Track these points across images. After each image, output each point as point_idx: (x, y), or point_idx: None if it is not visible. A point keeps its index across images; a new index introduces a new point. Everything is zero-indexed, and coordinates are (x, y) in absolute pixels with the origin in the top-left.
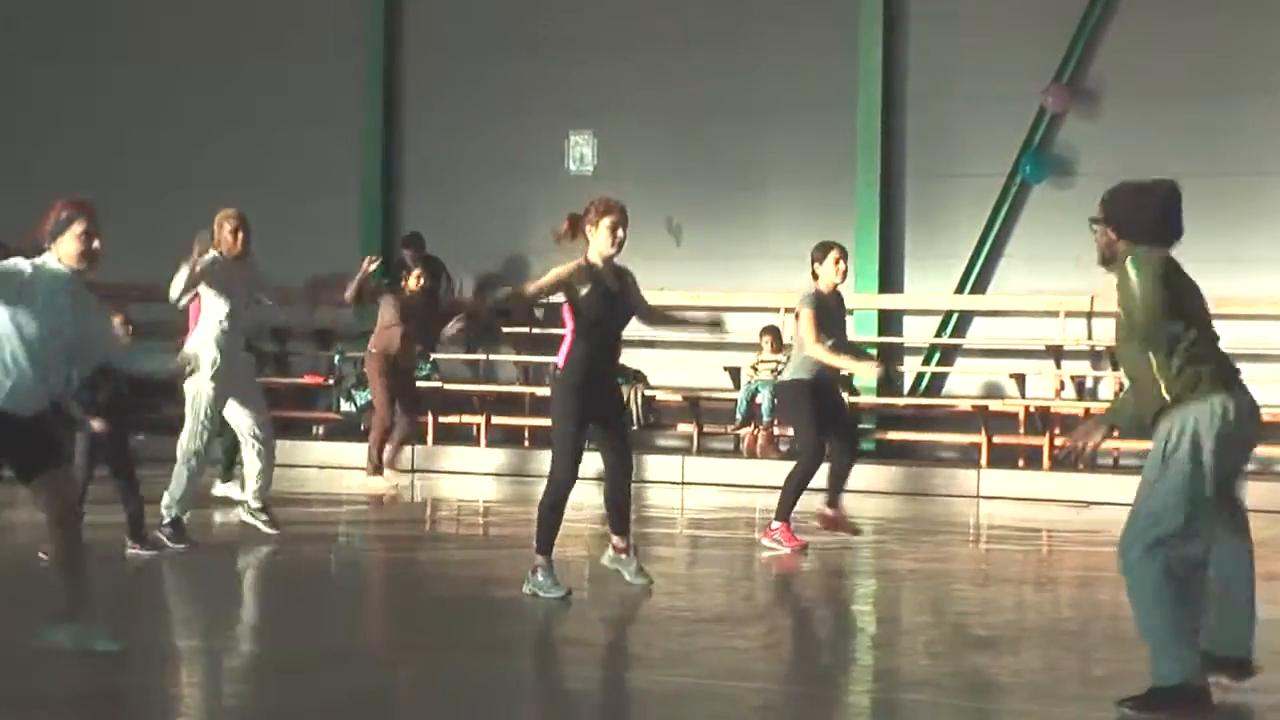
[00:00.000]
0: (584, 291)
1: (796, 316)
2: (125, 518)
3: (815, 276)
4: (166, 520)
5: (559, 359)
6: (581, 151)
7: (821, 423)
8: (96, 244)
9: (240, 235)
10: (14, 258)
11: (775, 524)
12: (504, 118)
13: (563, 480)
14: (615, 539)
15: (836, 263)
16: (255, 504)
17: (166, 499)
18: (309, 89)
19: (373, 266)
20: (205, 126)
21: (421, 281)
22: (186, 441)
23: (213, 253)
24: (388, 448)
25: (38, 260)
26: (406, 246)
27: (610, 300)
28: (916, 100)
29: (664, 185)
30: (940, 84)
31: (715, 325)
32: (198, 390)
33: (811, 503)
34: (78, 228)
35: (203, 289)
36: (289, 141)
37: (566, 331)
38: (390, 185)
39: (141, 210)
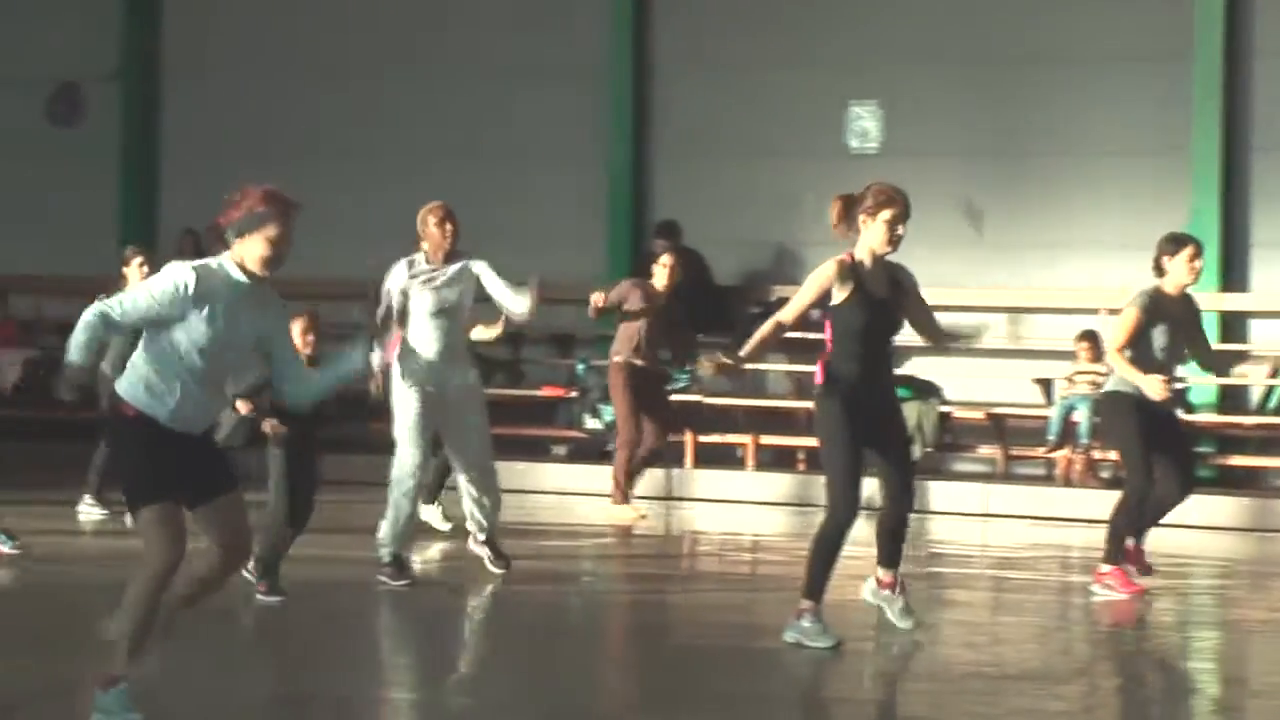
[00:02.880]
0: (843, 295)
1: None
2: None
3: (1161, 272)
4: (385, 560)
5: (817, 372)
6: (864, 125)
7: (1150, 442)
8: (284, 251)
9: (449, 228)
10: (202, 260)
11: (1105, 567)
12: (772, 87)
13: (840, 512)
14: (881, 572)
15: (1191, 260)
16: (481, 536)
17: (382, 533)
18: (552, 58)
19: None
20: (442, 99)
21: (674, 278)
22: (397, 466)
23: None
24: (617, 474)
25: (213, 263)
26: (659, 236)
27: (873, 308)
28: (1267, 52)
29: (961, 163)
30: None
31: (973, 336)
32: (404, 405)
33: (1162, 539)
34: (270, 231)
35: (413, 293)
36: (529, 117)
37: (824, 339)
38: (640, 166)
39: (355, 194)
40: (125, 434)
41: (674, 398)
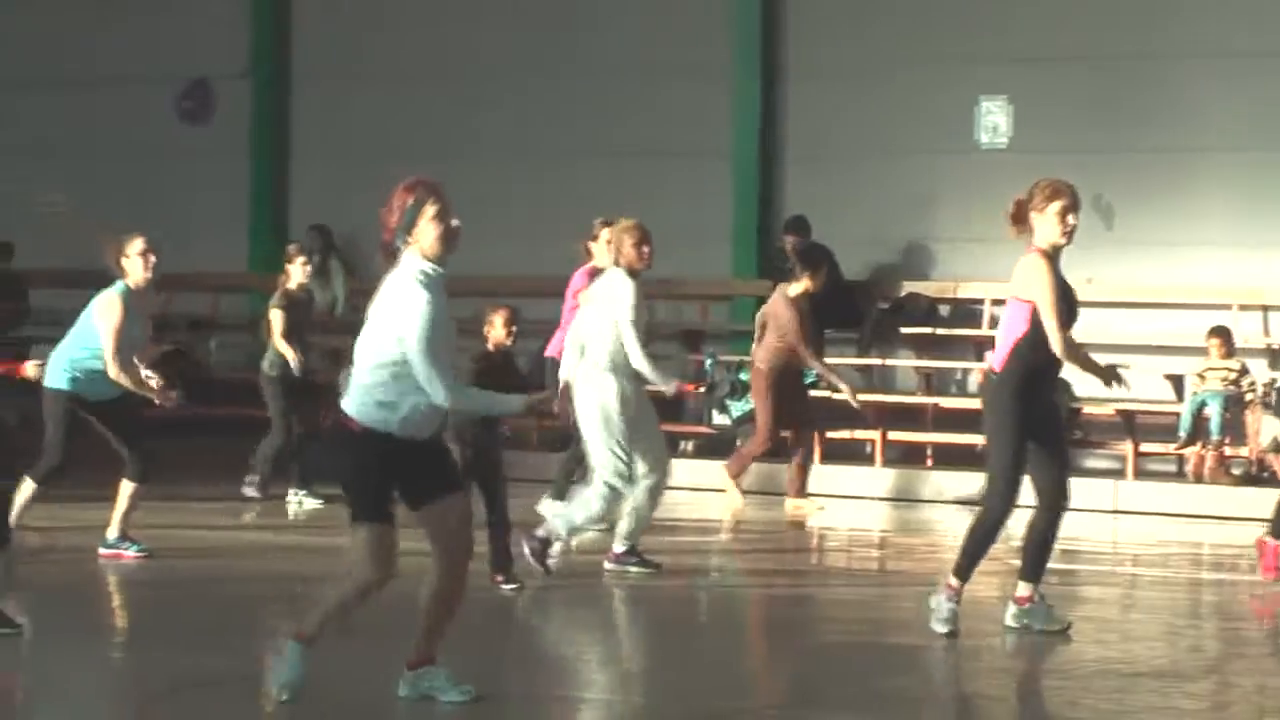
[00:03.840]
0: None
1: None
2: (490, 548)
3: None
4: (541, 532)
5: (997, 360)
6: (994, 121)
7: None
8: (456, 222)
9: (647, 250)
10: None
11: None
12: (901, 84)
13: (1002, 503)
14: (1022, 587)
15: None
16: (620, 549)
17: (563, 515)
18: (682, 58)
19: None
20: (572, 98)
21: (817, 283)
22: (599, 469)
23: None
24: (792, 473)
25: (422, 277)
26: (789, 232)
27: (1069, 298)
28: None
29: (1089, 158)
30: None
31: (1114, 379)
32: (606, 413)
33: None
34: (431, 209)
35: (600, 302)
36: (658, 116)
37: (1014, 327)
38: (768, 163)
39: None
40: (350, 449)
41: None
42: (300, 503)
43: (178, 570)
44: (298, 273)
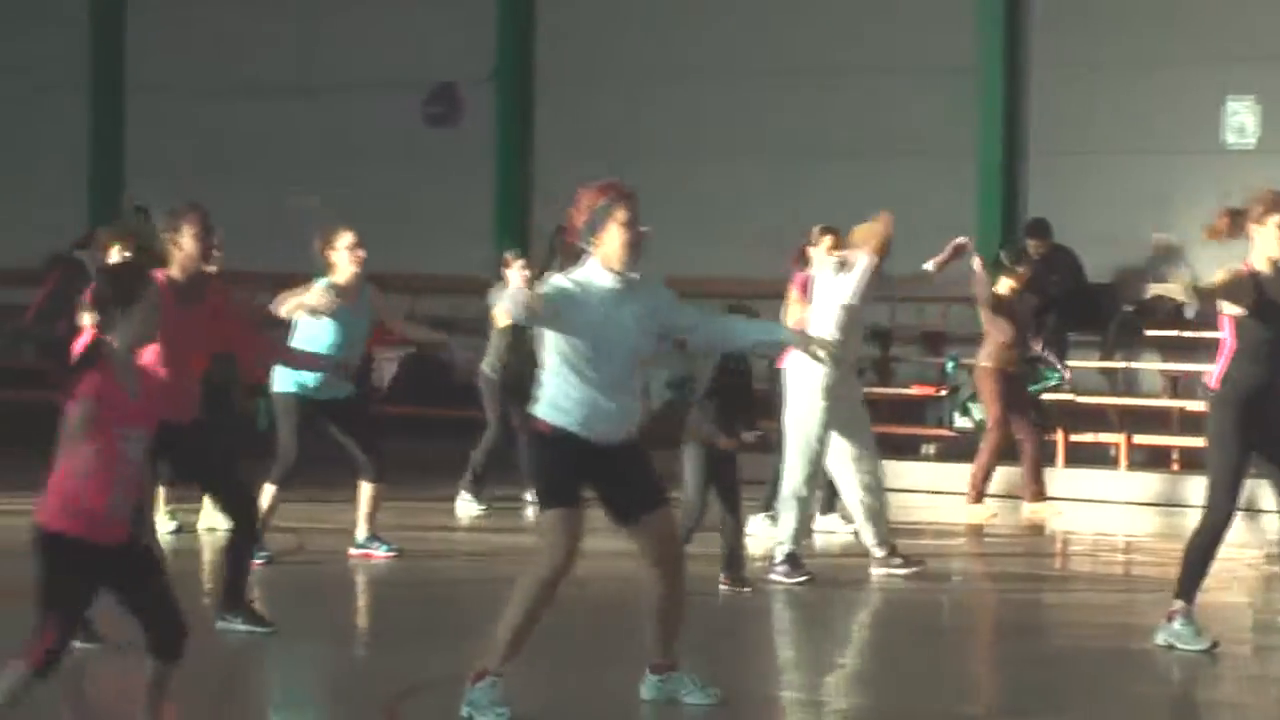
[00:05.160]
0: (1248, 306)
1: None
2: (722, 550)
3: None
4: (779, 559)
5: (1213, 376)
6: (1241, 121)
7: None
8: (645, 229)
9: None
10: (576, 269)
11: None
12: (1147, 84)
13: (1219, 515)
14: None
15: None
16: (880, 554)
17: (778, 535)
18: (926, 58)
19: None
20: (816, 99)
21: (1023, 279)
22: (791, 473)
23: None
24: (1023, 473)
25: (583, 273)
26: (1030, 235)
27: (1277, 319)
28: None
29: None
30: None
31: None
32: (813, 411)
33: None
34: (620, 215)
35: (820, 291)
36: (902, 116)
37: (1225, 343)
38: (1012, 164)
39: (730, 195)
40: (541, 447)
41: (1045, 396)
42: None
43: (425, 570)
44: (515, 278)
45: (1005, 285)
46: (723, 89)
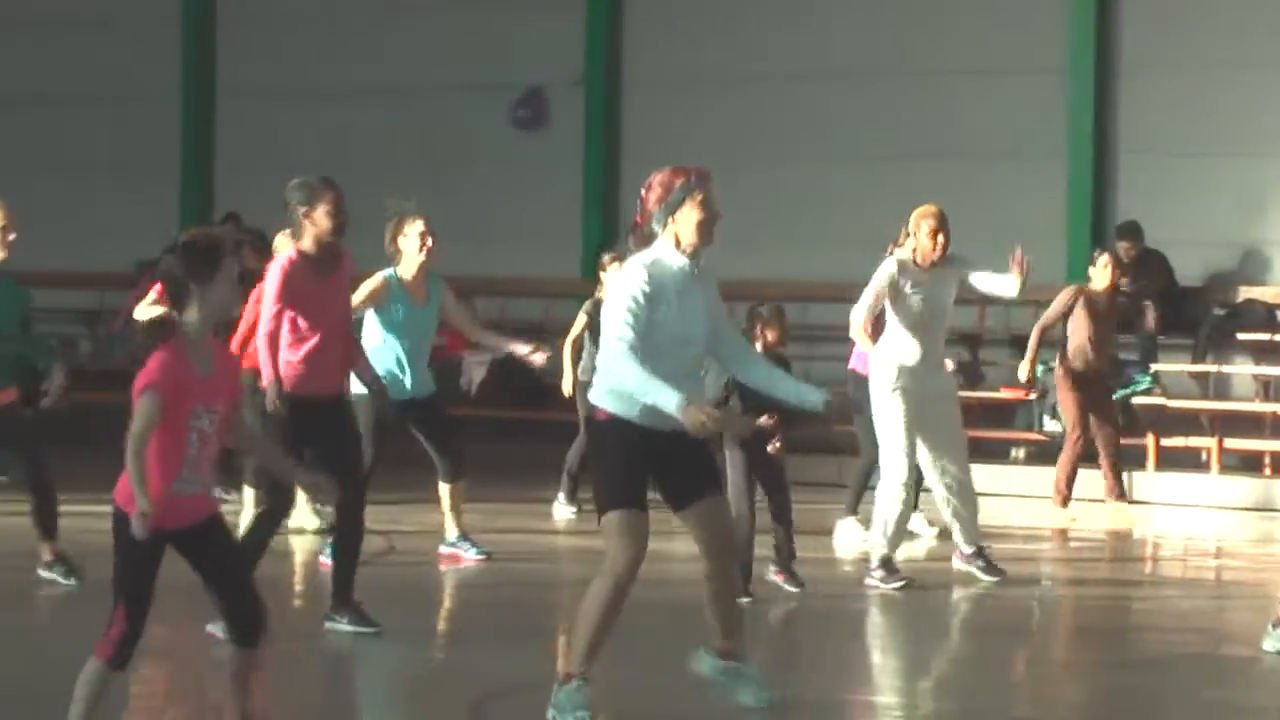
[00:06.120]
0: None
1: None
2: (775, 547)
3: None
4: (874, 564)
5: None
6: None
7: None
8: (718, 208)
9: (941, 241)
10: (646, 252)
11: None
12: (1240, 85)
13: None
14: None
15: None
16: (969, 549)
17: (873, 537)
18: (1015, 58)
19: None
20: (903, 100)
21: (1115, 278)
22: (887, 473)
23: (897, 254)
24: (1104, 476)
25: (655, 255)
26: (1121, 238)
27: None
28: None
29: None
30: None
31: None
32: (888, 411)
33: None
34: (698, 195)
35: (901, 296)
36: (991, 117)
37: None
38: (1102, 165)
39: (818, 197)
40: (600, 437)
41: (1135, 400)
42: None
43: (515, 573)
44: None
45: (1101, 281)
46: (810, 92)
